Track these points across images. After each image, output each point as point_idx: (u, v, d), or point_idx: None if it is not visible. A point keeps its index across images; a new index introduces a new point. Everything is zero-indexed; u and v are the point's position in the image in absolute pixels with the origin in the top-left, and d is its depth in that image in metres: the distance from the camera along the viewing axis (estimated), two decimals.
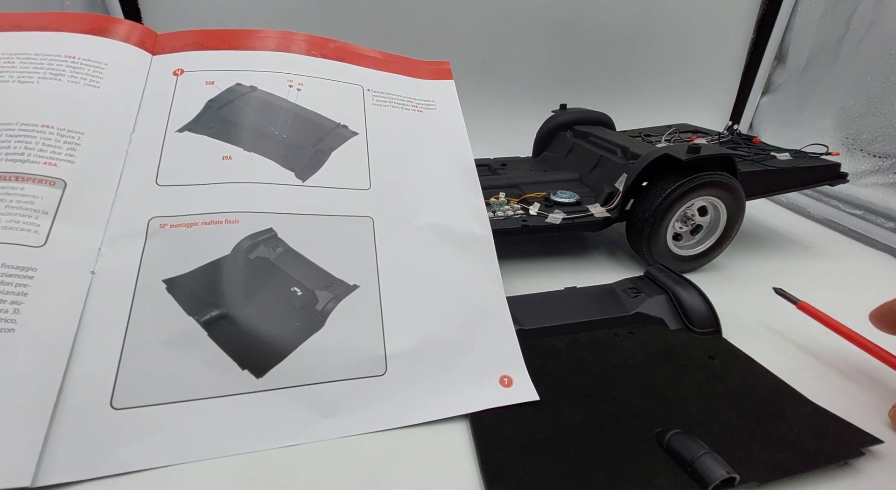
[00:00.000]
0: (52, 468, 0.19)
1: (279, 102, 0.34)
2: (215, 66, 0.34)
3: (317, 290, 0.27)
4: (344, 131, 0.34)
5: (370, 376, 0.25)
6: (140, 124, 0.31)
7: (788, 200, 0.60)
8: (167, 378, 0.23)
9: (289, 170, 0.31)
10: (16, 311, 0.21)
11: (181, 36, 0.36)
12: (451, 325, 0.28)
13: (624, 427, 0.24)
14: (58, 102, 0.28)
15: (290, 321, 0.26)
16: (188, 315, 0.24)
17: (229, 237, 0.27)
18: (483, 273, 0.31)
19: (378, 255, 0.29)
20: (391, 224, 0.31)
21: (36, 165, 0.26)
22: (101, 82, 0.31)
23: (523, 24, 0.68)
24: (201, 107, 0.32)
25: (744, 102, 0.76)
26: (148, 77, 0.33)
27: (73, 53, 0.31)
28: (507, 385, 0.26)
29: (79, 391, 0.21)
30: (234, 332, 0.24)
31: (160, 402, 0.22)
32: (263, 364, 0.24)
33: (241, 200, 0.29)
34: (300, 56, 0.36)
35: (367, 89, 0.37)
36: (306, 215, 0.29)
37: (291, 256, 0.28)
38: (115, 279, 0.25)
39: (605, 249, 0.46)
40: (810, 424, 0.24)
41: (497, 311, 0.30)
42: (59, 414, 0.20)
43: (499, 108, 0.71)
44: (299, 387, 0.24)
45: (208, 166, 0.30)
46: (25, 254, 0.23)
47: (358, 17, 0.64)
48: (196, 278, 0.26)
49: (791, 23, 0.70)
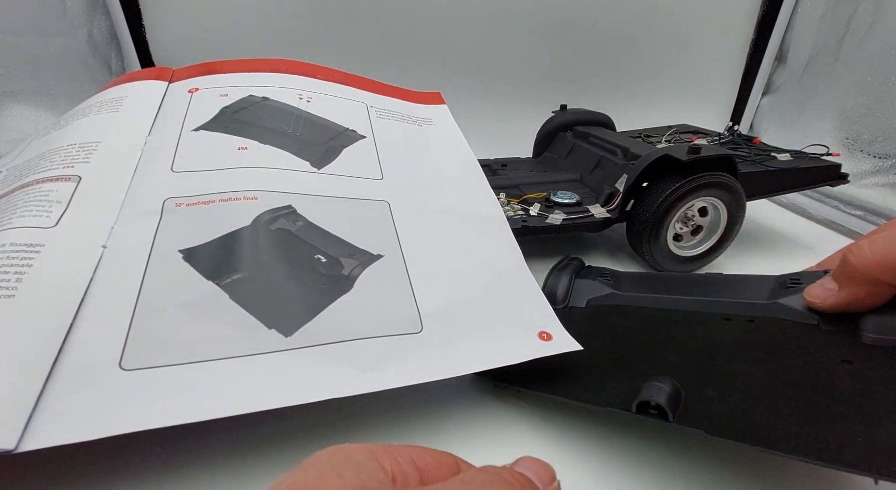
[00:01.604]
0: (45, 431, 0.18)
1: (290, 109, 0.36)
2: (228, 84, 0.36)
3: (341, 258, 0.27)
4: (353, 134, 0.36)
5: (407, 333, 0.25)
6: (156, 130, 0.32)
7: (789, 201, 0.60)
8: (185, 340, 0.22)
9: (304, 160, 0.32)
10: (18, 280, 0.21)
11: (196, 67, 0.38)
12: (480, 289, 0.29)
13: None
14: (83, 130, 0.31)
15: (317, 283, 0.25)
16: (207, 279, 0.24)
17: (248, 212, 0.27)
18: (501, 244, 0.32)
19: (398, 232, 0.30)
20: (407, 208, 0.32)
21: (55, 170, 0.28)
22: (120, 108, 0.33)
23: (523, 25, 0.68)
24: (216, 113, 0.34)
25: (744, 103, 0.76)
26: (164, 98, 0.35)
27: (101, 99, 0.35)
28: (547, 339, 0.26)
29: (83, 353, 0.20)
30: (257, 294, 0.24)
31: (178, 362, 0.21)
32: (292, 323, 0.24)
33: (259, 181, 0.29)
34: (307, 78, 0.39)
35: (370, 106, 0.40)
36: (324, 197, 0.30)
37: (312, 229, 0.28)
38: (128, 251, 0.25)
39: (605, 250, 0.46)
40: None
41: (522, 276, 0.30)
42: (59, 376, 0.20)
43: (499, 109, 0.71)
44: (334, 343, 0.23)
45: (224, 154, 0.30)
46: (35, 234, 0.24)
47: (358, 17, 0.64)
48: (215, 246, 0.25)
49: (791, 23, 0.70)
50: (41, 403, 0.18)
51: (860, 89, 0.57)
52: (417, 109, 0.43)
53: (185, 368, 0.21)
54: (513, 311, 0.28)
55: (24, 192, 0.26)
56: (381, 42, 0.65)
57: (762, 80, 0.74)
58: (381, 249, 0.29)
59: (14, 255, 0.22)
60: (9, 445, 0.17)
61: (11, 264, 0.22)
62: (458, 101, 0.41)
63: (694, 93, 0.76)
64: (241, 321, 0.23)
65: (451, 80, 0.69)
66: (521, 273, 0.30)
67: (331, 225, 0.29)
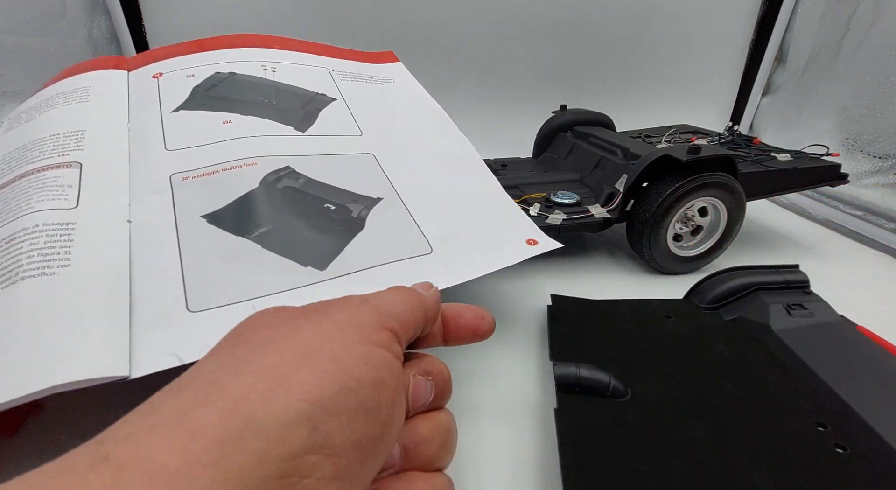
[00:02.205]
0: (146, 360, 0.21)
1: (260, 81, 0.37)
2: (192, 64, 0.38)
3: (347, 204, 0.31)
4: (324, 98, 0.39)
5: (421, 255, 0.29)
6: (134, 116, 0.34)
7: (789, 201, 0.60)
8: (234, 283, 0.25)
9: (287, 125, 0.35)
10: (67, 252, 0.24)
11: (151, 53, 0.40)
12: (471, 213, 0.33)
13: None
14: (59, 120, 0.32)
15: (334, 226, 0.29)
16: (237, 235, 0.27)
17: (253, 176, 0.30)
18: (479, 175, 0.37)
19: (389, 178, 0.34)
20: (392, 157, 0.36)
21: (51, 159, 0.29)
22: (89, 98, 0.35)
23: (523, 25, 0.68)
24: (188, 94, 0.35)
25: (744, 103, 0.76)
26: (129, 86, 0.37)
27: (62, 90, 0.36)
28: (534, 244, 0.32)
29: (152, 302, 0.23)
30: (285, 241, 0.27)
31: (235, 301, 0.24)
32: (323, 259, 0.27)
33: (253, 149, 0.32)
34: (267, 49, 0.41)
35: (332, 70, 0.42)
36: (315, 156, 0.33)
37: (315, 183, 0.31)
38: (154, 223, 0.27)
39: (605, 250, 0.46)
40: None
41: (502, 199, 0.35)
42: (138, 321, 0.22)
43: (499, 109, 0.71)
44: (364, 270, 0.27)
45: (212, 130, 0.33)
46: (62, 214, 0.26)
47: (358, 18, 0.64)
48: (233, 208, 0.28)
49: (791, 23, 0.70)
50: (134, 341, 0.22)
51: (860, 89, 0.57)
52: (376, 69, 0.45)
53: (241, 305, 0.24)
54: (501, 226, 0.33)
55: (27, 181, 0.27)
56: (381, 42, 0.65)
57: (762, 80, 0.74)
58: (379, 193, 0.32)
59: (52, 233, 0.24)
60: (124, 372, 0.20)
61: (55, 240, 0.24)
62: (459, 102, 0.41)
63: (694, 93, 0.76)
64: (277, 264, 0.26)
65: (451, 81, 0.69)
66: (501, 196, 0.36)
67: (329, 179, 0.32)
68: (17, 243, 0.23)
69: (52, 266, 0.23)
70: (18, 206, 0.26)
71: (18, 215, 0.25)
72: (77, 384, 0.19)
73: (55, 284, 0.22)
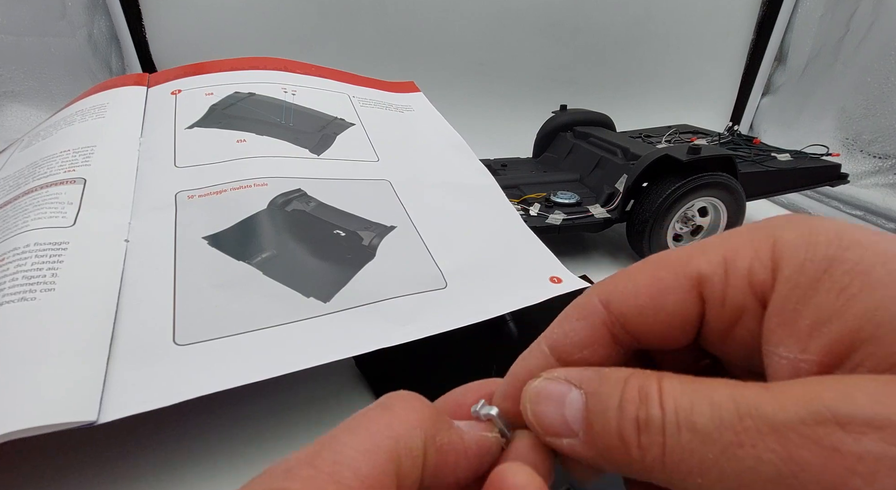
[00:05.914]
0: (119, 403, 0.19)
1: (278, 102, 0.36)
2: (211, 83, 0.37)
3: (358, 231, 0.29)
4: (342, 122, 0.38)
5: (434, 289, 0.27)
6: (147, 131, 0.33)
7: (789, 201, 0.60)
8: (229, 314, 0.23)
9: (302, 147, 0.33)
10: (53, 275, 0.22)
11: (174, 70, 0.39)
12: (490, 246, 0.31)
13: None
14: (72, 136, 0.32)
15: (342, 254, 0.27)
16: (238, 260, 0.26)
17: (261, 197, 0.29)
18: (499, 207, 0.35)
19: (404, 205, 0.32)
20: (408, 184, 0.34)
21: (57, 176, 0.28)
22: (106, 114, 0.34)
23: (523, 25, 0.68)
24: (205, 111, 0.34)
25: (744, 103, 0.76)
26: (147, 101, 0.36)
27: (81, 108, 0.35)
28: (558, 282, 0.29)
29: (136, 334, 0.22)
30: (289, 268, 0.26)
31: (226, 334, 0.22)
32: (328, 290, 0.25)
33: (265, 169, 0.30)
34: (288, 73, 0.40)
35: (352, 96, 0.41)
36: (329, 180, 0.32)
37: (325, 208, 0.30)
38: (152, 242, 0.26)
39: (605, 250, 0.46)
40: None
41: (524, 233, 0.33)
42: (118, 355, 0.21)
43: (499, 109, 0.71)
44: (371, 303, 0.25)
45: (225, 148, 0.32)
46: (57, 233, 0.24)
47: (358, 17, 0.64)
48: (237, 230, 0.27)
49: (791, 23, 0.70)
50: (109, 380, 0.20)
51: (860, 89, 0.57)
52: (396, 98, 0.45)
53: (236, 339, 0.22)
54: (523, 261, 0.31)
55: (30, 197, 0.27)
56: (381, 43, 0.65)
57: (762, 80, 0.74)
58: (393, 221, 0.30)
59: (42, 253, 0.23)
60: (91, 417, 0.18)
61: (43, 262, 0.23)
62: (459, 102, 0.42)
63: (694, 93, 0.76)
64: (278, 293, 0.25)
65: (451, 81, 0.69)
66: (522, 231, 0.33)
67: (341, 204, 0.30)
68: (4, 265, 0.22)
69: (35, 290, 0.21)
70: (15, 224, 0.25)
71: (14, 234, 0.24)
72: (33, 431, 0.17)
73: (33, 312, 0.21)
